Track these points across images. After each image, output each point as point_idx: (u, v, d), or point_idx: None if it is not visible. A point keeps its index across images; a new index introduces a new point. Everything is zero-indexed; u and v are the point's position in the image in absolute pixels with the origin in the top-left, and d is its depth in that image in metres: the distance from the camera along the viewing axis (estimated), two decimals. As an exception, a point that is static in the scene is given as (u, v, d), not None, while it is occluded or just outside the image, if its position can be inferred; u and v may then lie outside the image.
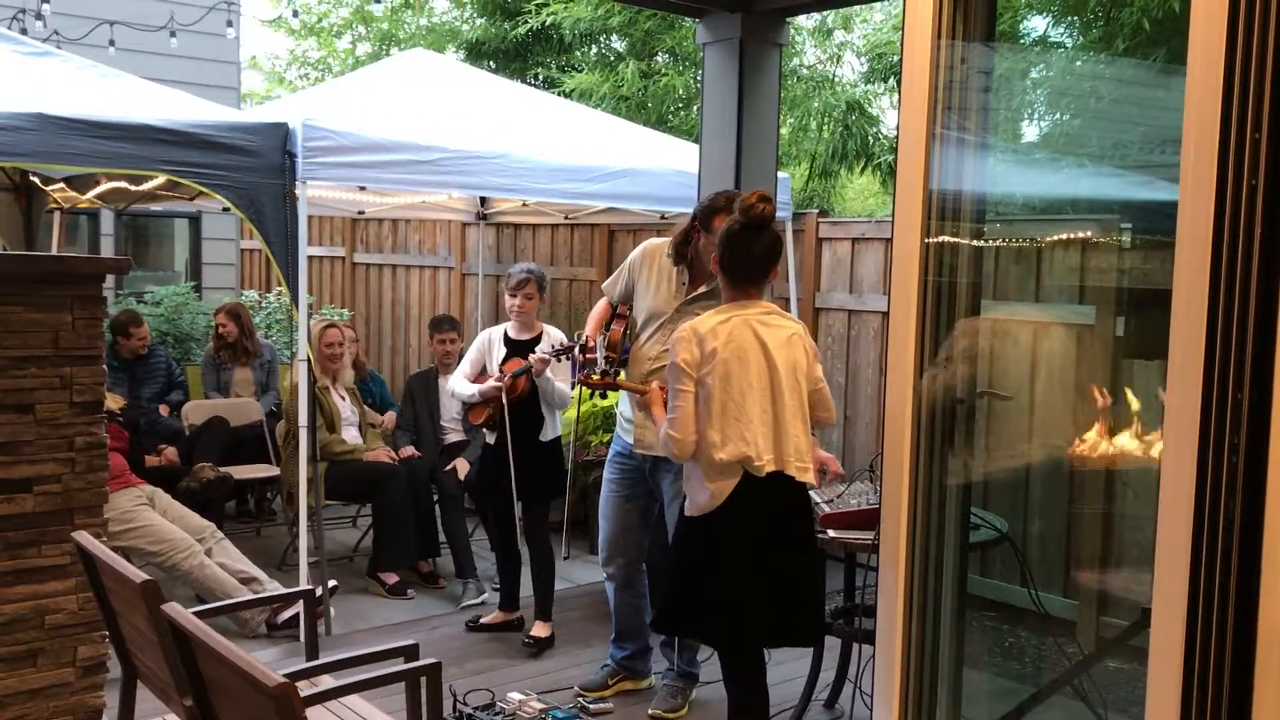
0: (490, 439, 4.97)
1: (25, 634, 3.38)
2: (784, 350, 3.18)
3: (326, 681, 2.82)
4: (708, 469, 3.11)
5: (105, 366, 3.54)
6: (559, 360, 4.69)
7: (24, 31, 7.88)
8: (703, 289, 4.02)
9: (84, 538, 2.77)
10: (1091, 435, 3.65)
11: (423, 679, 2.55)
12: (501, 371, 4.84)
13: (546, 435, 4.90)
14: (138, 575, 2.45)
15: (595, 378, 3.79)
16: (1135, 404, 3.55)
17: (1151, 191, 3.92)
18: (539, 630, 4.89)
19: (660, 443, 3.23)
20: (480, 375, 5.00)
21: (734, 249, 3.19)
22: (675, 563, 3.31)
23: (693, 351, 3.10)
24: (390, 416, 6.64)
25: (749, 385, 3.11)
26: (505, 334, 4.98)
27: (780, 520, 3.16)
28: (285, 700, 1.79)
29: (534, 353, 4.73)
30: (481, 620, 5.08)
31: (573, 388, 4.90)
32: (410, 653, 2.67)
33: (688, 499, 3.23)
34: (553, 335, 4.94)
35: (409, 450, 6.12)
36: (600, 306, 4.30)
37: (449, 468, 5.91)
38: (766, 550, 3.14)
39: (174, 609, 2.19)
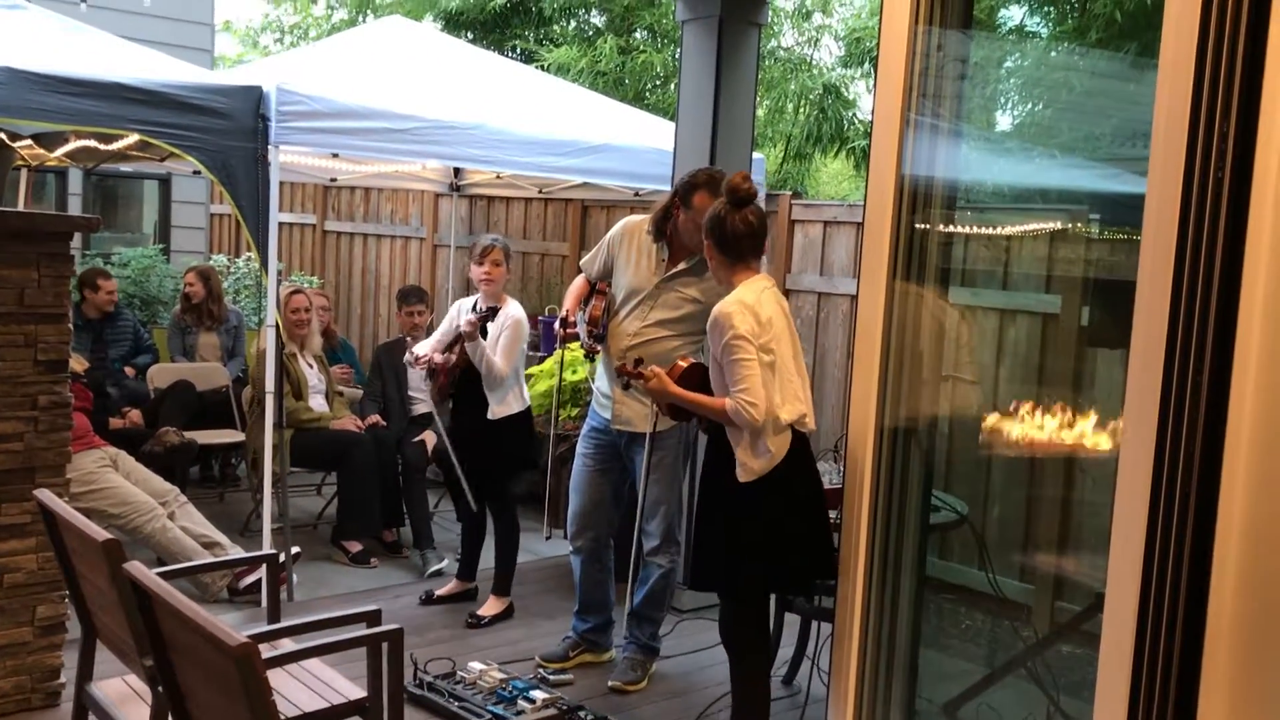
0: (447, 420, 4.97)
1: (-16, 592, 3.37)
2: (791, 319, 3.44)
3: (287, 645, 2.82)
4: (772, 430, 3.25)
5: (71, 326, 3.51)
6: (483, 322, 4.64)
7: (-7, -15, 7.75)
8: (682, 265, 4.03)
9: (46, 495, 2.76)
10: (1054, 421, 3.70)
11: (384, 645, 2.56)
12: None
13: (495, 413, 4.79)
14: (100, 534, 2.45)
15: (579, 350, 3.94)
16: (1098, 391, 3.59)
17: (1120, 184, 3.96)
18: (489, 607, 4.87)
19: (732, 415, 3.24)
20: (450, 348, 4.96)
21: (731, 228, 3.35)
22: (720, 527, 3.37)
23: (749, 322, 3.23)
24: (341, 369, 6.63)
25: (788, 349, 3.35)
26: (475, 304, 4.96)
27: (813, 469, 3.42)
28: (246, 660, 1.80)
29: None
30: (436, 593, 5.07)
31: (543, 360, 4.91)
32: (373, 618, 2.68)
33: (739, 466, 3.28)
34: (512, 309, 4.90)
35: (374, 419, 6.10)
36: (578, 283, 4.31)
37: (416, 439, 5.90)
38: (813, 496, 3.38)
39: (136, 568, 2.19)
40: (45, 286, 3.41)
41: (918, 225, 3.23)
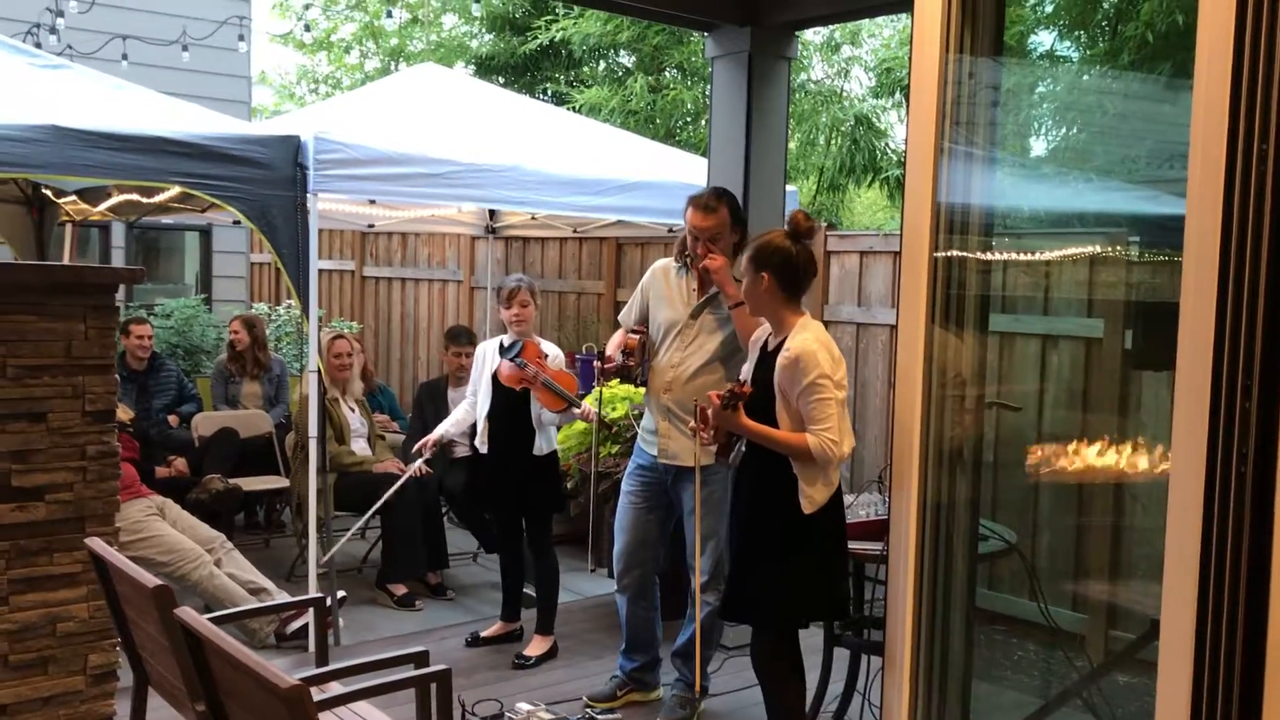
0: (483, 449, 4.97)
1: (36, 642, 3.40)
2: None
3: (335, 688, 2.83)
4: (836, 466, 3.34)
5: (117, 377, 3.56)
6: (509, 358, 4.75)
7: (38, 45, 7.94)
8: (713, 290, 4.05)
9: (97, 544, 2.79)
10: (1100, 446, 3.65)
11: (432, 686, 2.56)
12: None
13: (540, 449, 4.87)
14: (150, 580, 2.47)
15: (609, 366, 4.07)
16: (1144, 415, 3.55)
17: (1158, 206, 3.93)
18: (534, 647, 4.86)
19: (815, 452, 3.29)
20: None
21: (792, 266, 3.37)
22: (779, 558, 3.38)
23: (829, 362, 3.29)
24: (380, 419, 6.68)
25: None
26: (500, 344, 4.97)
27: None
28: (297, 702, 1.80)
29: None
30: (481, 634, 5.06)
31: (582, 398, 4.92)
32: (420, 659, 2.68)
33: (804, 498, 3.31)
34: (546, 347, 4.92)
35: (420, 468, 6.07)
36: (617, 334, 4.34)
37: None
38: (843, 529, 3.45)
39: (187, 613, 2.21)
40: (92, 338, 3.46)
41: (955, 253, 3.22)
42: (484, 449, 4.97)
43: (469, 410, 5.23)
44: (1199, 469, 2.29)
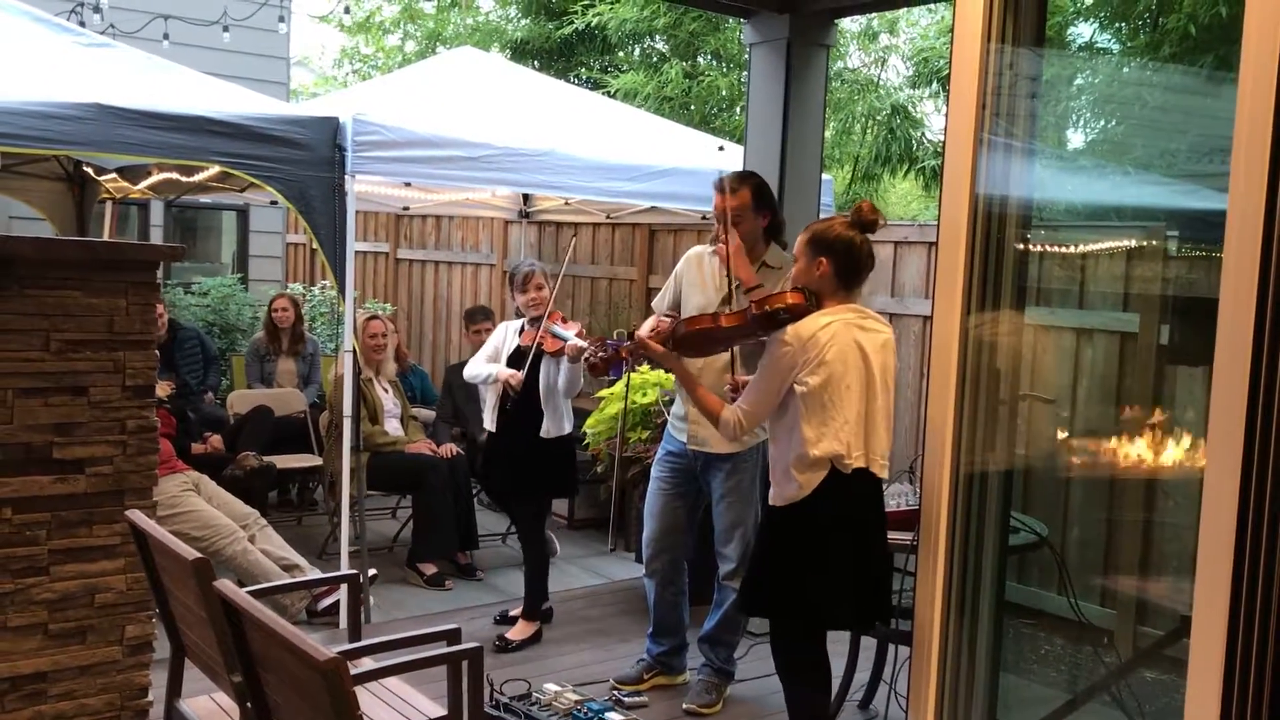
0: (492, 427, 4.95)
1: (75, 612, 3.46)
2: (879, 354, 3.29)
3: (367, 664, 2.86)
4: (798, 463, 3.23)
5: (156, 352, 3.61)
6: (534, 328, 4.77)
7: (82, 24, 8.02)
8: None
9: (137, 516, 2.84)
10: (1134, 440, 3.64)
11: (464, 663, 2.59)
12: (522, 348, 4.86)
13: (549, 432, 4.83)
14: (190, 553, 2.51)
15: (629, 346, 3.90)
16: (1179, 410, 3.53)
17: (1198, 200, 3.91)
18: (517, 632, 4.85)
19: (721, 421, 3.35)
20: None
21: (854, 256, 3.28)
22: (760, 548, 3.42)
23: (793, 354, 3.20)
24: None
25: (846, 387, 3.22)
26: (522, 326, 4.97)
27: (860, 511, 3.29)
28: (334, 675, 1.83)
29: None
30: (510, 613, 5.10)
31: (612, 384, 4.92)
32: (452, 637, 2.71)
33: (774, 489, 3.32)
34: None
35: (450, 448, 6.11)
36: (651, 320, 4.33)
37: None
38: (847, 538, 3.26)
39: (225, 585, 2.24)
40: (133, 314, 3.50)
41: (992, 244, 3.21)
42: (492, 428, 4.97)
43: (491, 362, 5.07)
44: (1234, 466, 2.28)
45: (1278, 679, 2.25)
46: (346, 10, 10.60)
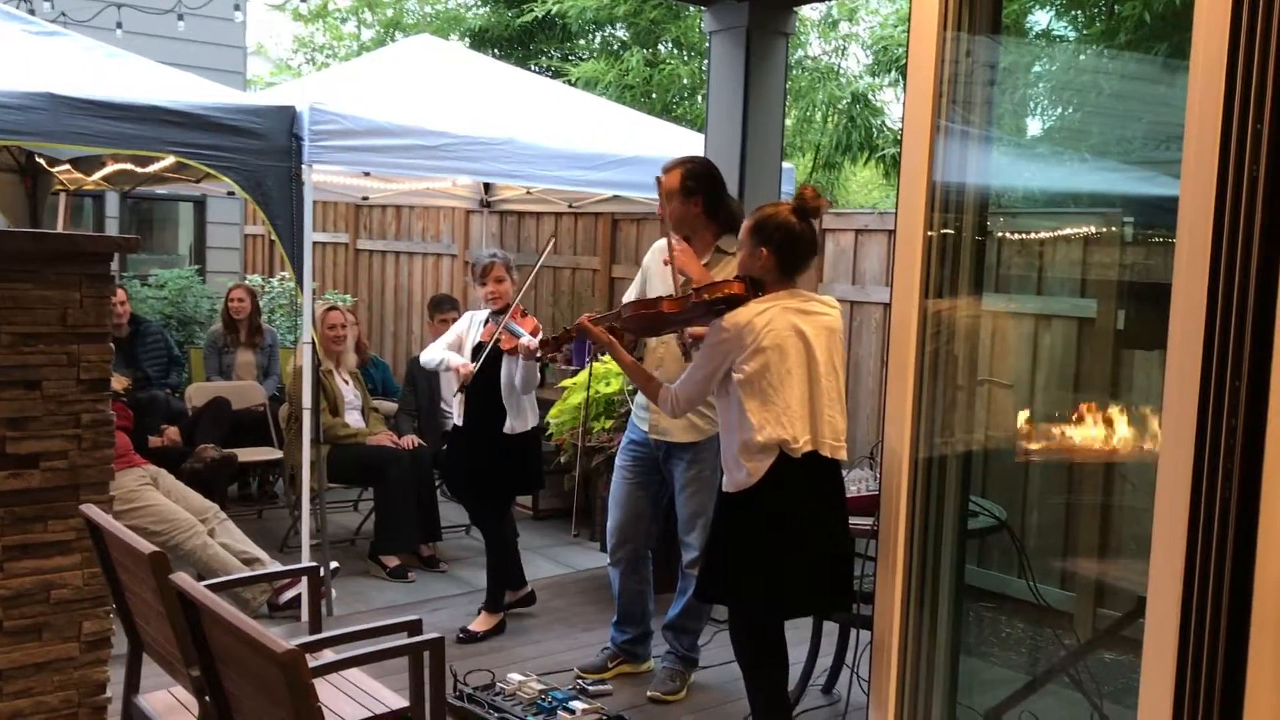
0: (460, 422, 4.90)
1: (31, 608, 3.41)
2: (822, 337, 3.28)
3: (329, 656, 2.85)
4: (744, 450, 3.22)
5: (111, 345, 3.56)
6: (496, 322, 4.68)
7: (31, 12, 7.87)
8: (706, 259, 4.04)
9: (93, 510, 2.80)
10: (1091, 425, 3.67)
11: (425, 654, 2.58)
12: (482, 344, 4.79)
13: (513, 428, 4.77)
14: (146, 546, 2.48)
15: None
16: (1135, 395, 3.57)
17: (1153, 187, 3.95)
18: (480, 623, 4.82)
19: (661, 397, 3.40)
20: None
21: (795, 241, 3.27)
22: (714, 536, 3.42)
23: (728, 341, 3.21)
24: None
25: (786, 372, 3.20)
26: (487, 318, 4.90)
27: (813, 496, 3.28)
28: (294, 667, 1.82)
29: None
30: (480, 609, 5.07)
31: (575, 374, 4.91)
32: (413, 627, 2.69)
33: (725, 476, 3.32)
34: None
35: (414, 440, 6.09)
36: None
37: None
38: (800, 524, 3.26)
39: (182, 578, 2.22)
40: (88, 307, 3.45)
41: (950, 232, 3.23)
42: (460, 422, 4.94)
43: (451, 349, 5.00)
44: (1188, 448, 2.31)
45: (1229, 658, 2.28)
46: (303, -1, 10.48)
